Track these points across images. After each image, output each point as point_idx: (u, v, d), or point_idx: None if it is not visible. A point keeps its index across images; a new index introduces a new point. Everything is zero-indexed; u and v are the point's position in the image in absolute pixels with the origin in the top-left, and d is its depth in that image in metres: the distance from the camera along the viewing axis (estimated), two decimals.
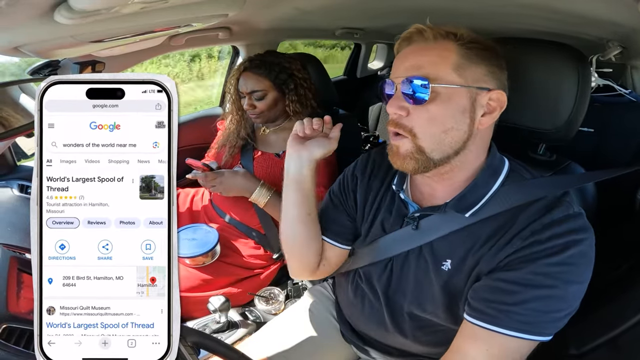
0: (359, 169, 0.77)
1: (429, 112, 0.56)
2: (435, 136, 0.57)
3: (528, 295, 0.52)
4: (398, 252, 0.67)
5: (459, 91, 0.56)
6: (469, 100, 0.56)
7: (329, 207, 0.79)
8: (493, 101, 0.57)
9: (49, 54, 0.73)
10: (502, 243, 0.56)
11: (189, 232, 1.15)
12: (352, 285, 0.78)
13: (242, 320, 1.13)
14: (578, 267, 0.52)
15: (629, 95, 1.55)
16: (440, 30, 0.58)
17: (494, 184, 0.60)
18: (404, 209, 0.68)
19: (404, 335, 0.71)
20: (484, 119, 0.57)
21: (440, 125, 0.56)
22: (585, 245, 0.53)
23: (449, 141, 0.57)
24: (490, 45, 0.58)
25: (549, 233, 0.53)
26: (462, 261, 0.60)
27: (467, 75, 0.56)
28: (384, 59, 2.69)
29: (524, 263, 0.53)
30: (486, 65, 0.57)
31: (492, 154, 0.62)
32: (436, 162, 0.58)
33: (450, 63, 0.56)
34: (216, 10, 0.75)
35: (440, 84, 0.55)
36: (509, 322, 0.52)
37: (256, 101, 1.11)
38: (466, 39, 0.57)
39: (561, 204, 0.55)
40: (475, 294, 0.57)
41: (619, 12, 0.69)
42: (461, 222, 0.60)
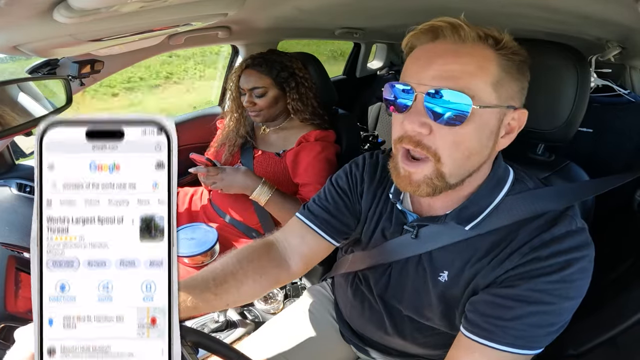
0: (367, 172, 0.71)
1: (456, 134, 0.48)
2: (458, 161, 0.50)
3: (525, 311, 0.51)
4: (397, 259, 0.65)
5: (490, 111, 0.48)
6: (497, 122, 0.50)
7: (328, 197, 0.73)
8: (514, 121, 0.52)
9: (48, 53, 0.72)
10: (502, 258, 0.54)
11: (188, 231, 1.14)
12: (352, 287, 0.78)
13: (240, 320, 1.13)
14: (576, 283, 0.51)
15: (628, 95, 1.56)
16: (479, 30, 0.48)
17: (497, 195, 0.56)
18: (402, 218, 0.66)
19: (403, 337, 0.71)
20: (502, 140, 0.52)
21: (465, 150, 0.49)
22: (585, 261, 0.51)
23: (469, 166, 0.52)
24: (525, 57, 0.51)
25: (550, 250, 0.51)
26: (459, 273, 0.58)
27: (502, 92, 0.48)
28: (383, 58, 2.69)
29: (522, 280, 0.52)
30: (521, 81, 0.50)
31: (498, 163, 0.57)
32: (450, 187, 0.53)
33: (490, 77, 0.47)
34: (215, 9, 0.75)
35: (477, 105, 0.46)
36: (504, 337, 0.52)
37: (256, 98, 1.11)
38: (509, 47, 0.49)
39: (563, 219, 0.53)
40: (472, 307, 0.56)
41: (619, 12, 0.69)
42: (461, 234, 0.57)
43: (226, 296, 0.59)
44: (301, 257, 0.71)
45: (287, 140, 1.18)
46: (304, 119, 1.16)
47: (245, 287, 0.61)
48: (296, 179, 1.13)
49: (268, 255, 0.68)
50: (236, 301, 0.61)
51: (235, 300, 0.61)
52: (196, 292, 0.54)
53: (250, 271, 0.63)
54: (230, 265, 0.62)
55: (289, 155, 1.14)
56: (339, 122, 1.24)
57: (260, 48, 1.38)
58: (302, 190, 1.11)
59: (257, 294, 0.66)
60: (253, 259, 0.65)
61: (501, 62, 0.48)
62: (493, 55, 0.48)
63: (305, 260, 0.71)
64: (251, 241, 1.20)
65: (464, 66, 0.47)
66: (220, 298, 0.58)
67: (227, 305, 0.61)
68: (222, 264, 0.62)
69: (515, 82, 0.50)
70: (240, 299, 0.62)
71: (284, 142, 1.19)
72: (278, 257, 0.70)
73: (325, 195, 0.73)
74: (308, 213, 0.72)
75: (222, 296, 0.58)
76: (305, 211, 0.73)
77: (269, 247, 0.70)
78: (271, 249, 0.70)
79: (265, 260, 0.67)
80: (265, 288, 0.67)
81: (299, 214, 0.74)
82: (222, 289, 0.58)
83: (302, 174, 1.10)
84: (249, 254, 0.66)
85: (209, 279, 0.58)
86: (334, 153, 1.15)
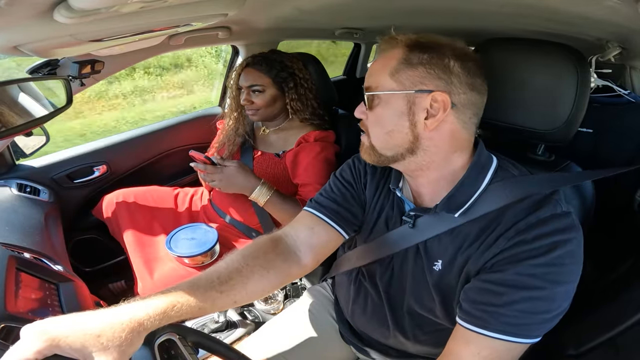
0: (370, 165, 0.75)
1: (375, 116, 0.61)
2: (380, 136, 0.61)
3: (515, 297, 0.51)
4: (398, 250, 0.67)
5: (395, 96, 0.58)
6: (407, 104, 0.58)
7: (335, 189, 0.75)
8: (437, 103, 0.56)
9: (49, 53, 0.72)
10: (489, 242, 0.56)
11: (188, 231, 1.15)
12: (355, 284, 0.78)
13: (240, 320, 1.14)
14: (565, 267, 0.51)
15: (628, 96, 1.55)
16: (389, 39, 0.61)
17: (482, 182, 0.59)
18: (402, 207, 0.69)
19: (404, 334, 0.71)
20: (428, 122, 0.57)
21: (382, 127, 0.61)
22: (573, 244, 0.52)
23: (394, 142, 0.60)
24: (434, 45, 0.57)
25: (535, 233, 0.52)
26: (451, 261, 0.60)
27: (403, 79, 0.57)
28: None
29: (509, 264, 0.53)
30: (425, 67, 0.56)
31: (479, 152, 0.61)
32: (389, 158, 0.62)
33: (388, 69, 0.58)
34: (216, 9, 0.75)
35: (377, 92, 0.59)
36: (497, 324, 0.52)
37: (254, 97, 1.12)
38: (409, 43, 0.58)
39: (548, 203, 0.55)
40: (465, 295, 0.57)
41: (619, 12, 0.69)
42: (452, 222, 0.60)
43: (232, 293, 0.58)
44: (311, 249, 0.70)
45: (286, 141, 1.18)
46: (303, 119, 1.16)
47: (252, 282, 0.61)
48: (296, 179, 1.13)
49: (275, 250, 0.67)
50: (243, 298, 0.60)
51: (242, 297, 0.59)
52: (200, 291, 0.54)
53: (256, 266, 0.62)
54: (235, 262, 0.61)
55: (288, 156, 1.14)
56: (339, 122, 1.24)
57: (260, 48, 1.38)
58: (301, 191, 1.11)
59: (266, 290, 0.65)
60: (259, 254, 0.64)
61: (402, 56, 0.58)
62: (398, 52, 0.58)
63: (315, 252, 0.71)
64: (252, 241, 1.21)
65: (375, 66, 0.62)
66: (226, 296, 0.57)
67: (235, 302, 0.59)
68: (226, 262, 0.61)
69: (415, 69, 0.57)
70: (248, 295, 0.60)
71: (284, 142, 1.19)
72: (286, 251, 0.69)
73: (331, 188, 0.76)
74: (316, 205, 0.73)
75: (228, 293, 0.57)
76: (313, 204, 0.74)
77: (277, 241, 0.69)
78: (279, 243, 0.69)
79: (272, 254, 0.66)
80: (274, 283, 0.65)
81: (307, 207, 0.74)
82: (227, 286, 0.57)
83: (302, 175, 1.11)
84: (254, 250, 0.65)
85: (214, 278, 0.57)
86: (333, 153, 1.15)
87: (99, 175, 1.41)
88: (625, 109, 1.53)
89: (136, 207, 1.25)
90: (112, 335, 0.42)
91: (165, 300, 0.49)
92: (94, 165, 1.40)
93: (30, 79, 0.95)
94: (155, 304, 0.48)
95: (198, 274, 0.59)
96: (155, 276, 1.08)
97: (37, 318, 0.45)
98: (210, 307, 0.55)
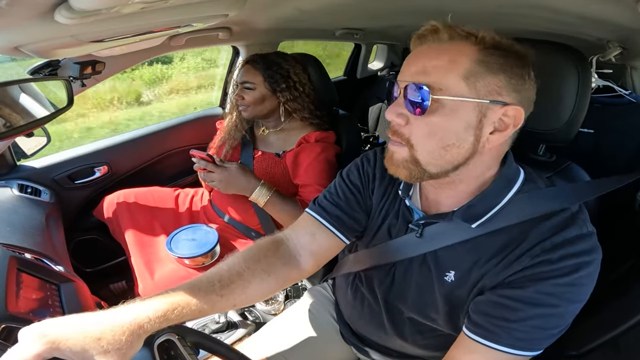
0: (379, 168, 0.70)
1: (429, 125, 0.51)
2: (434, 150, 0.52)
3: (530, 313, 0.51)
4: (401, 258, 0.65)
5: (466, 104, 0.49)
6: (477, 115, 0.50)
7: (340, 193, 0.72)
8: (508, 118, 0.50)
9: (49, 54, 0.73)
10: (511, 259, 0.53)
11: (189, 232, 1.15)
12: (352, 288, 0.78)
13: (241, 321, 1.14)
14: (583, 287, 0.51)
15: (629, 96, 1.55)
16: (458, 30, 0.50)
17: (506, 195, 0.56)
18: (408, 216, 0.66)
19: (403, 339, 0.71)
20: (492, 137, 0.51)
21: (439, 141, 0.51)
22: (594, 266, 0.51)
23: (449, 158, 0.52)
24: (516, 51, 0.50)
25: (561, 253, 0.50)
26: (466, 274, 0.57)
27: (479, 86, 0.49)
28: (384, 59, 2.69)
29: (530, 282, 0.51)
30: (506, 75, 0.49)
31: (508, 164, 0.57)
32: (432, 175, 0.54)
33: (461, 70, 0.49)
34: (216, 10, 0.75)
35: (444, 96, 0.49)
36: (507, 338, 0.52)
37: (245, 93, 1.13)
38: (488, 42, 0.49)
39: (575, 222, 0.52)
40: (476, 307, 0.56)
41: (619, 13, 0.69)
42: (468, 233, 0.57)
43: (232, 297, 0.57)
44: (312, 255, 0.70)
45: (287, 141, 1.18)
46: (303, 117, 1.16)
47: (253, 286, 0.60)
48: (296, 179, 1.13)
49: (276, 253, 0.67)
50: (243, 302, 0.60)
51: (242, 300, 0.59)
52: (201, 294, 0.53)
53: (257, 270, 0.62)
54: (236, 265, 0.61)
55: (289, 156, 1.14)
56: (339, 123, 1.24)
57: (261, 49, 1.38)
58: (302, 191, 1.11)
59: (266, 294, 0.64)
60: (260, 257, 0.64)
61: (477, 57, 0.49)
62: (470, 50, 0.49)
63: (316, 258, 0.70)
64: (252, 242, 1.21)
65: (437, 62, 0.50)
66: (226, 299, 0.57)
67: (234, 306, 0.59)
68: (228, 264, 0.61)
69: (496, 76, 0.49)
70: (247, 299, 0.60)
71: (284, 142, 1.19)
72: (287, 255, 0.68)
73: (336, 191, 0.72)
74: (319, 209, 0.71)
75: (228, 297, 0.57)
76: (316, 207, 0.72)
77: (278, 244, 0.69)
78: (280, 247, 0.69)
79: (273, 258, 0.65)
80: (274, 287, 0.65)
81: (309, 209, 0.72)
82: (228, 289, 0.57)
83: (302, 175, 1.11)
84: (255, 253, 0.65)
85: (215, 280, 0.57)
86: (334, 154, 1.15)
87: (100, 175, 1.41)
88: (626, 109, 1.53)
89: (137, 207, 1.25)
90: (113, 338, 0.42)
91: (165, 303, 0.49)
92: (95, 166, 1.40)
93: (31, 79, 0.95)
94: (156, 306, 0.48)
95: (198, 275, 0.59)
96: (155, 277, 1.08)
97: (38, 318, 0.45)
98: (209, 310, 0.55)
